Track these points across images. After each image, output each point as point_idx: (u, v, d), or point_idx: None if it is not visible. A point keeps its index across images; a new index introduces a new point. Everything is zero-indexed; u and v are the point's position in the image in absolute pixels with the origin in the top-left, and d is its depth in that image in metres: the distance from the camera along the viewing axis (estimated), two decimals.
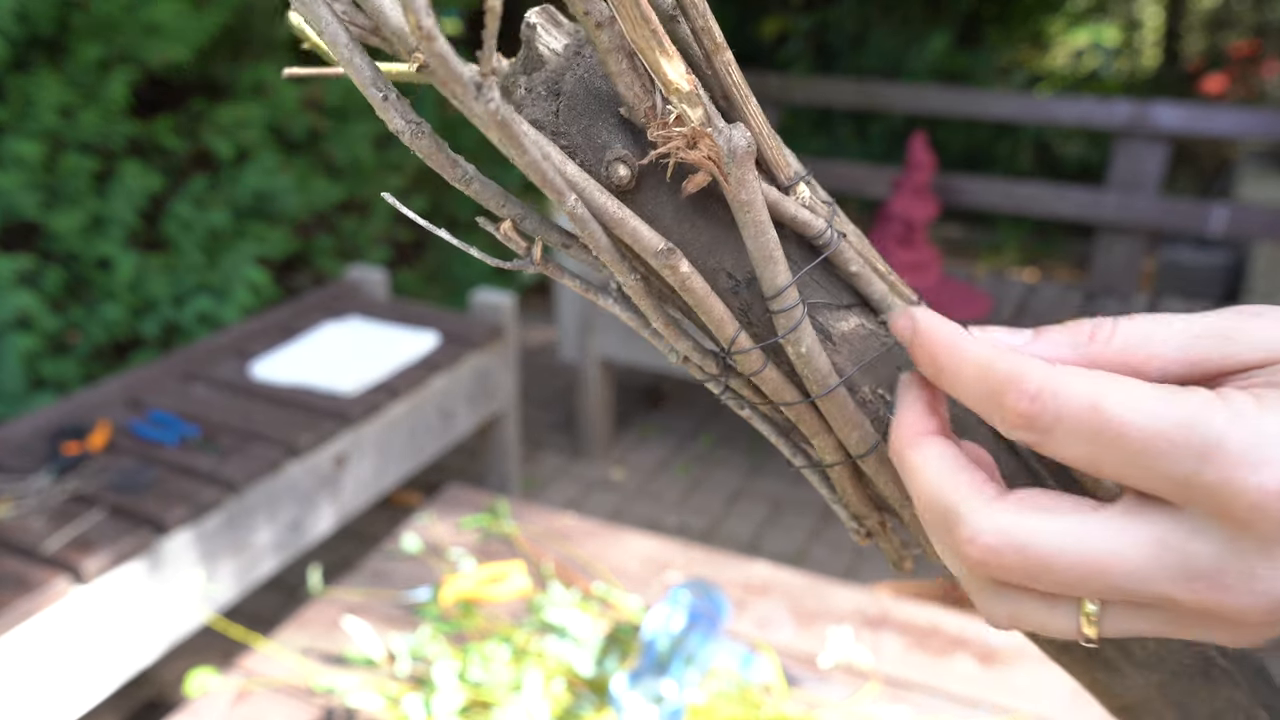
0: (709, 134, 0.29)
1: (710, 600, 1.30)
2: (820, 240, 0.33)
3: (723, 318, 0.32)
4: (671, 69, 0.28)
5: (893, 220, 2.60)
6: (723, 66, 0.30)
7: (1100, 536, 0.27)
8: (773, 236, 0.31)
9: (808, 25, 5.10)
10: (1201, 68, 5.91)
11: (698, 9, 0.29)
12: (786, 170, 0.32)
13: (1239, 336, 0.28)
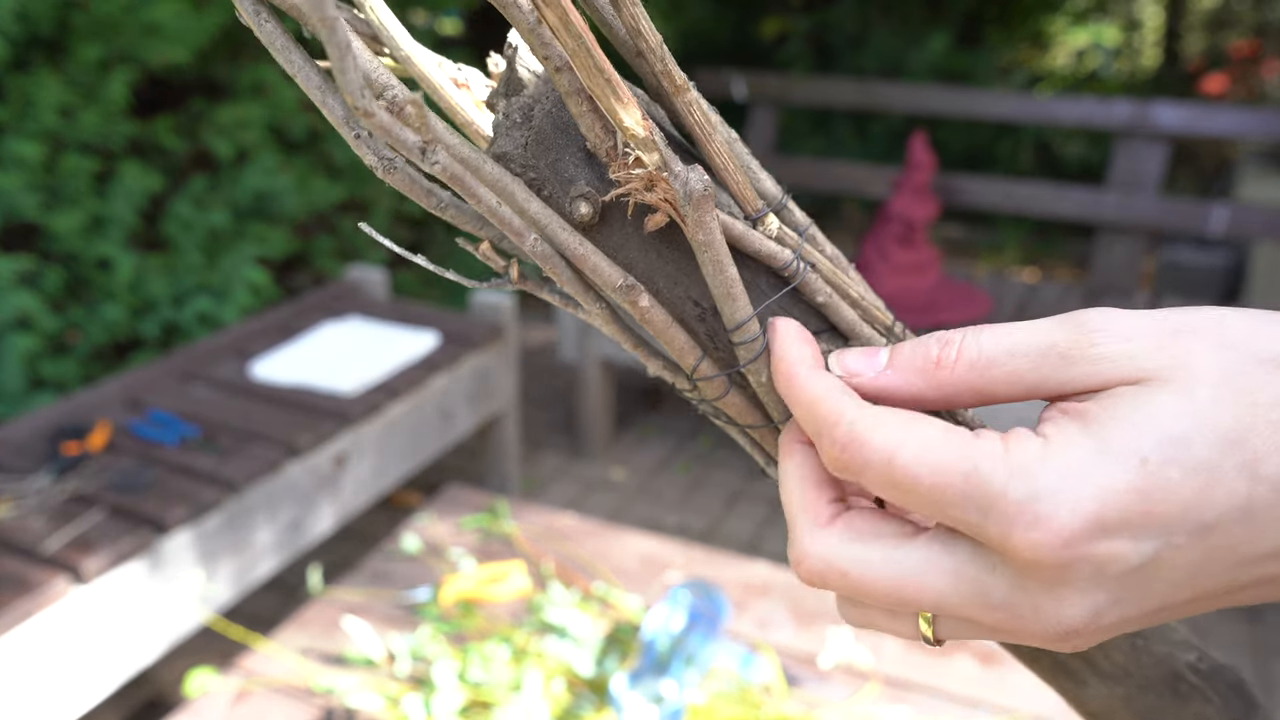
0: (664, 178, 0.29)
1: (710, 600, 1.30)
2: (786, 272, 0.33)
3: (684, 347, 0.33)
4: (627, 115, 0.28)
5: (893, 220, 2.60)
6: (684, 107, 0.30)
7: (910, 565, 0.29)
8: (731, 274, 0.31)
9: (808, 25, 5.10)
10: (1202, 68, 5.90)
11: (656, 54, 0.29)
12: (754, 203, 0.33)
13: (1077, 359, 0.28)
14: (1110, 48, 6.59)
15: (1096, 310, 0.29)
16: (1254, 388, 0.26)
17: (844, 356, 0.32)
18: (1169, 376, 0.27)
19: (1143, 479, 0.26)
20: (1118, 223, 2.81)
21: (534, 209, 0.31)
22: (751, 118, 3.29)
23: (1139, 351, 0.27)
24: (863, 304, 0.35)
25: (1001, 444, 0.27)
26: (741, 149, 0.33)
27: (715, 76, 3.31)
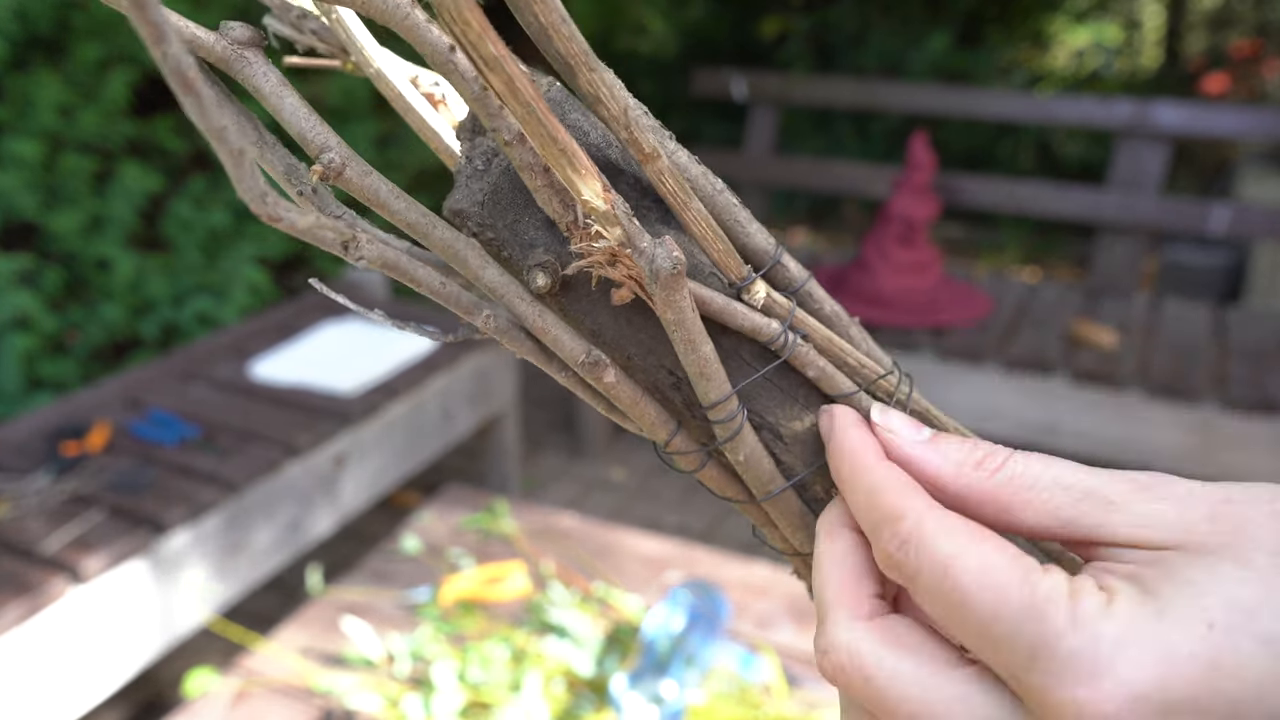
0: (628, 255, 0.27)
1: (710, 600, 1.30)
2: (773, 346, 0.31)
3: (654, 422, 0.32)
4: (585, 187, 0.26)
5: (893, 220, 2.60)
6: (655, 176, 0.27)
7: (941, 695, 0.26)
8: (705, 353, 0.29)
9: (808, 25, 5.09)
10: (1202, 67, 5.90)
11: (620, 122, 0.26)
12: (739, 270, 0.30)
13: (1123, 507, 0.26)
14: (1111, 47, 6.58)
15: (1153, 473, 0.27)
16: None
17: (890, 414, 0.31)
18: (1224, 543, 0.25)
19: (1210, 647, 0.23)
20: (1118, 223, 2.81)
21: (489, 276, 0.29)
22: (751, 117, 3.28)
23: (1192, 516, 0.25)
24: (863, 371, 0.32)
25: (1067, 584, 0.25)
26: (728, 200, 0.31)
27: (715, 76, 3.30)
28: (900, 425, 0.31)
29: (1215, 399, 2.19)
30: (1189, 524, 0.25)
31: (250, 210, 0.23)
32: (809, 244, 4.76)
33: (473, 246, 0.29)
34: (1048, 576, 0.25)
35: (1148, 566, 0.25)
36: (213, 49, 0.26)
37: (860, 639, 0.28)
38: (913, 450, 0.30)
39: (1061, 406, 2.33)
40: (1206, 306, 2.70)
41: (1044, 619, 0.24)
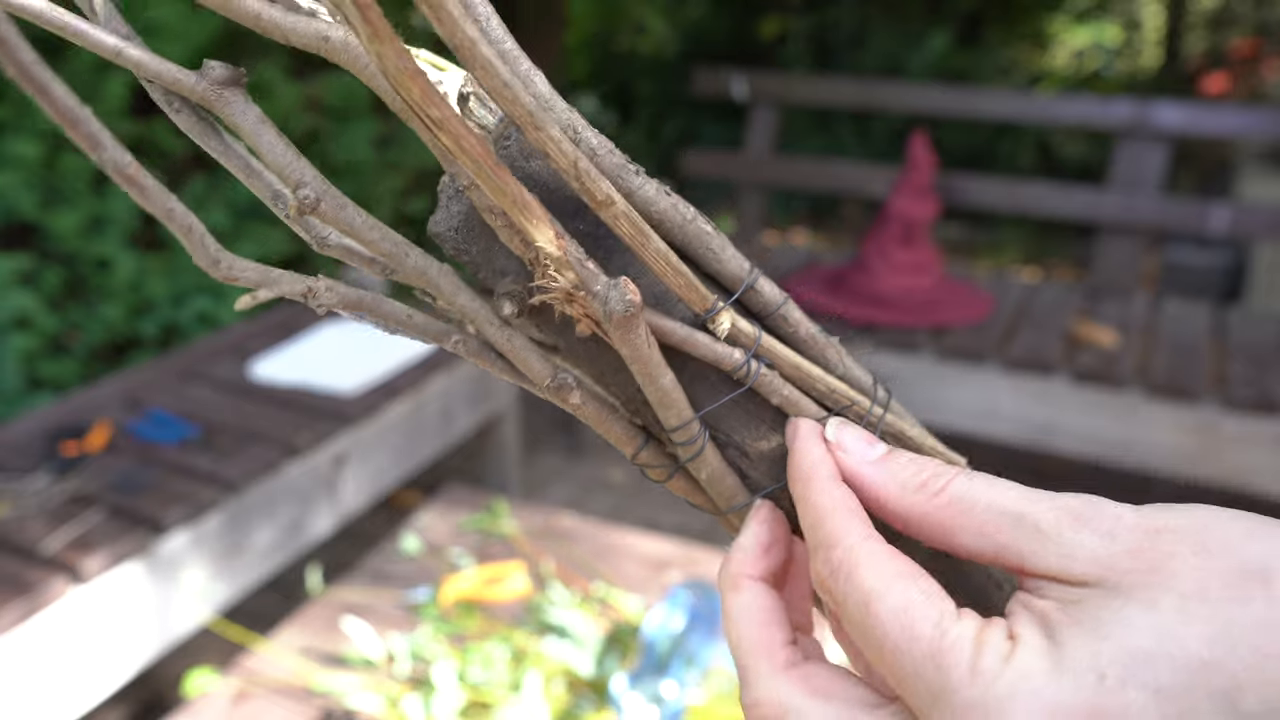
0: (582, 297, 0.28)
1: (710, 600, 1.30)
2: (736, 375, 0.32)
3: (621, 438, 0.33)
4: (539, 234, 0.27)
5: (893, 220, 2.60)
6: (610, 221, 0.28)
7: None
8: (664, 384, 0.30)
9: (808, 25, 5.10)
10: (1202, 67, 5.90)
11: (570, 174, 0.27)
12: (703, 303, 0.31)
13: (1051, 536, 0.27)
14: (1111, 47, 6.58)
15: (1087, 498, 0.27)
16: (1234, 602, 0.24)
17: (845, 430, 0.32)
18: (1138, 582, 0.25)
19: (1100, 697, 0.23)
20: (1118, 223, 2.81)
21: (462, 301, 0.30)
22: (752, 117, 3.28)
23: (1115, 552, 0.25)
24: (833, 396, 0.33)
25: (976, 633, 0.26)
26: (699, 228, 0.31)
27: (715, 76, 3.30)
28: (852, 442, 0.31)
29: (1215, 399, 2.19)
30: (1110, 559, 0.25)
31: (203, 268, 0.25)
32: (809, 244, 4.76)
33: (445, 273, 0.30)
34: (959, 623, 0.26)
35: (1062, 607, 0.26)
36: (194, 89, 0.27)
37: (784, 691, 0.29)
38: (860, 469, 0.31)
39: (1061, 406, 2.33)
40: (1206, 306, 2.70)
41: (945, 668, 0.25)
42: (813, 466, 0.31)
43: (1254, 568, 0.24)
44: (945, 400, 2.44)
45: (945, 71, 4.81)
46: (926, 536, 0.29)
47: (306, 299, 0.28)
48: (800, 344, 0.33)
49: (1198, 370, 2.30)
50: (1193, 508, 0.26)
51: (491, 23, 0.28)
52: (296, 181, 0.28)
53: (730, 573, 0.32)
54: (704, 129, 4.98)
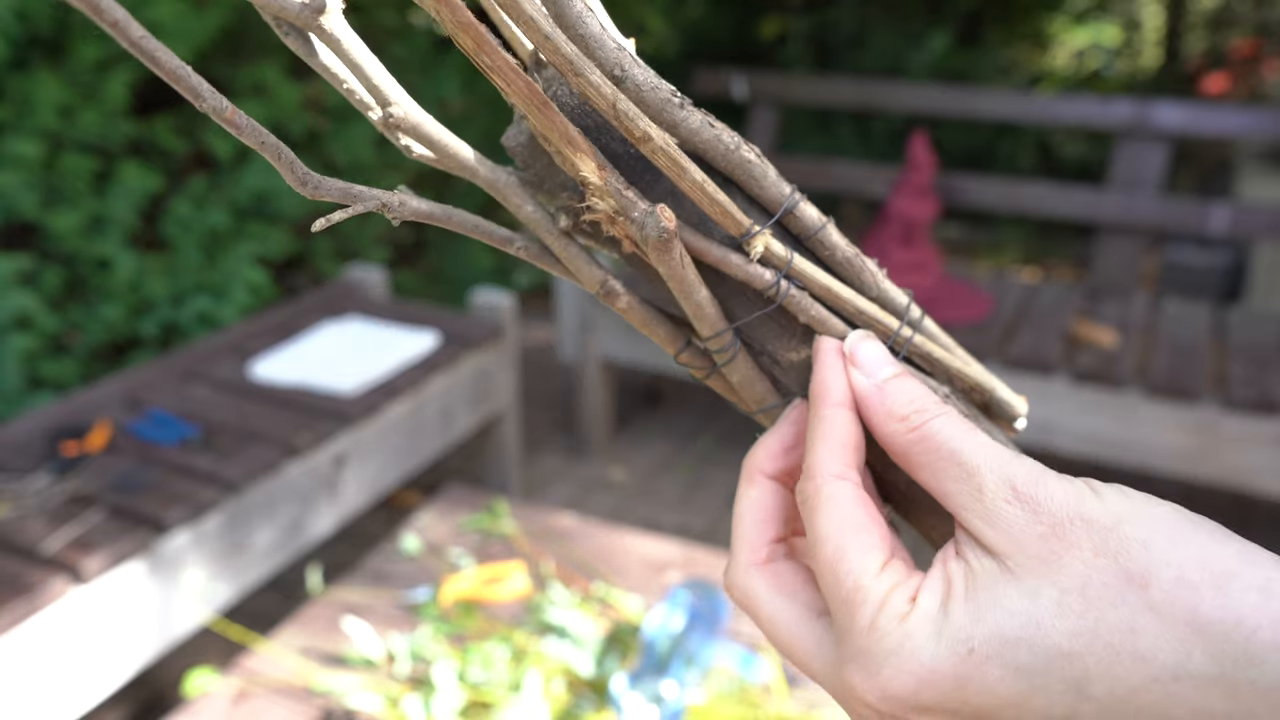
0: (622, 221, 0.31)
1: (710, 600, 1.30)
2: (768, 294, 0.34)
3: (665, 338, 0.36)
4: (582, 165, 0.30)
5: (893, 220, 2.60)
6: (649, 155, 0.31)
7: (807, 637, 0.32)
8: (699, 298, 0.33)
9: (808, 25, 5.10)
10: (1202, 67, 5.90)
11: (611, 114, 0.30)
12: (739, 226, 0.33)
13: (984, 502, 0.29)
14: (1110, 47, 6.58)
15: (1038, 473, 0.29)
16: (1107, 604, 0.26)
17: (861, 345, 0.34)
18: (1033, 568, 0.28)
19: (964, 667, 0.27)
20: (1118, 223, 2.81)
21: (526, 211, 0.33)
22: (752, 117, 3.28)
23: (1029, 533, 0.28)
24: (861, 317, 0.35)
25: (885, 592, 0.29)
26: (743, 156, 0.33)
27: (715, 76, 3.30)
28: (865, 358, 0.34)
29: (1215, 399, 2.19)
30: (1021, 539, 0.28)
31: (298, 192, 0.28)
32: None
33: (512, 185, 0.33)
34: (876, 580, 0.30)
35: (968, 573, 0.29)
36: (298, 16, 0.30)
37: (752, 581, 0.34)
38: (862, 389, 0.33)
39: (1061, 406, 2.33)
40: (1206, 306, 2.70)
41: (854, 615, 0.30)
42: (822, 388, 0.34)
43: (1137, 572, 0.26)
44: None
45: (945, 71, 4.81)
46: (901, 465, 0.32)
47: (385, 211, 0.31)
48: (838, 266, 0.35)
49: (1198, 370, 2.30)
50: (1125, 500, 0.28)
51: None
52: (385, 99, 0.30)
53: (749, 465, 0.35)
54: None
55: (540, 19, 0.28)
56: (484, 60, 0.28)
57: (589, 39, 0.30)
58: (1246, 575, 0.25)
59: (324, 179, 0.30)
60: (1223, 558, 0.26)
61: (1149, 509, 0.28)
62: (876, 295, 0.36)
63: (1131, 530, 0.27)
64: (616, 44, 0.31)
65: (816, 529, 0.31)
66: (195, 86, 0.26)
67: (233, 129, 0.27)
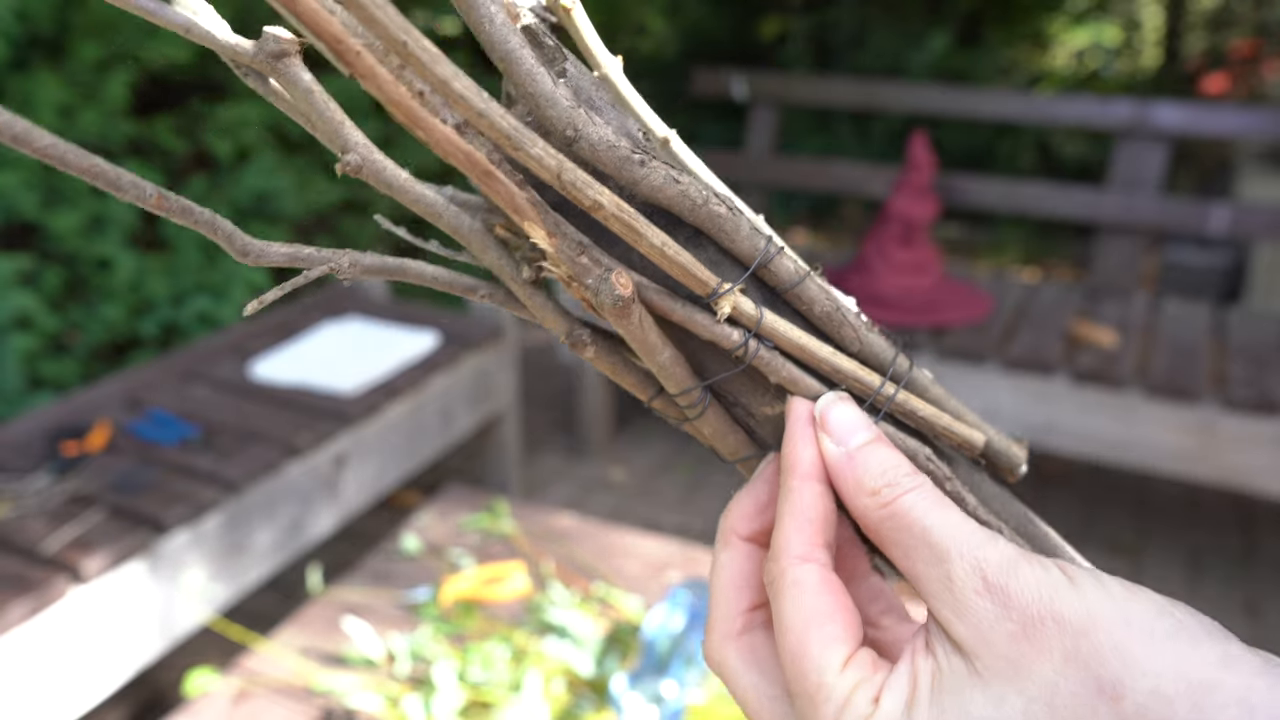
0: (575, 286, 0.31)
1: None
2: (735, 354, 0.33)
3: (635, 386, 0.35)
4: (532, 232, 0.30)
5: (893, 220, 2.60)
6: (603, 220, 0.30)
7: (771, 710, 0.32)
8: (663, 360, 0.33)
9: (807, 25, 5.10)
10: (1202, 67, 5.91)
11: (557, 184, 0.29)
12: (705, 286, 0.32)
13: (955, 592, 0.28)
14: (1110, 47, 6.58)
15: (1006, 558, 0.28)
16: (1076, 714, 0.25)
17: (832, 410, 0.33)
18: (1001, 670, 0.27)
19: None
20: (1118, 223, 2.81)
21: (490, 257, 0.32)
22: (751, 117, 3.28)
23: (999, 632, 0.27)
24: (840, 374, 0.34)
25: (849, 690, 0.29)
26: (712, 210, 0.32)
27: (715, 76, 3.30)
28: (836, 424, 0.32)
29: (1215, 399, 2.19)
30: (990, 637, 0.27)
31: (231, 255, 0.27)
32: (809, 244, 4.76)
33: (476, 231, 0.32)
34: (842, 676, 0.29)
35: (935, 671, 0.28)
36: (253, 60, 0.29)
37: (726, 655, 0.33)
38: (832, 458, 0.32)
39: (1061, 406, 2.33)
40: (1206, 306, 2.70)
41: (816, 711, 0.29)
42: (791, 459, 0.32)
43: (1109, 682, 0.25)
44: None
45: (945, 71, 4.81)
46: (873, 540, 0.31)
47: (335, 273, 0.30)
48: (816, 321, 0.34)
49: (1197, 370, 2.30)
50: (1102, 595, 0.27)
51: (496, 21, 0.29)
52: (342, 146, 0.30)
53: (724, 526, 0.35)
54: (704, 129, 4.98)
55: (471, 95, 0.27)
56: (418, 134, 0.27)
57: (539, 98, 0.29)
58: (1227, 685, 0.24)
59: (267, 246, 0.29)
60: (1203, 665, 0.25)
61: (1127, 606, 0.26)
62: (858, 351, 0.35)
63: (1105, 637, 0.26)
64: (569, 103, 0.29)
65: (781, 616, 0.30)
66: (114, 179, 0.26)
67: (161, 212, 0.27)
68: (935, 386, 0.36)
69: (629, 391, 0.36)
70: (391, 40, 0.25)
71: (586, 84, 0.32)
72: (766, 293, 0.34)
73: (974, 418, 0.36)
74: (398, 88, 0.26)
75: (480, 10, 0.28)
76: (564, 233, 0.30)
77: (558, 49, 0.31)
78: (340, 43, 0.25)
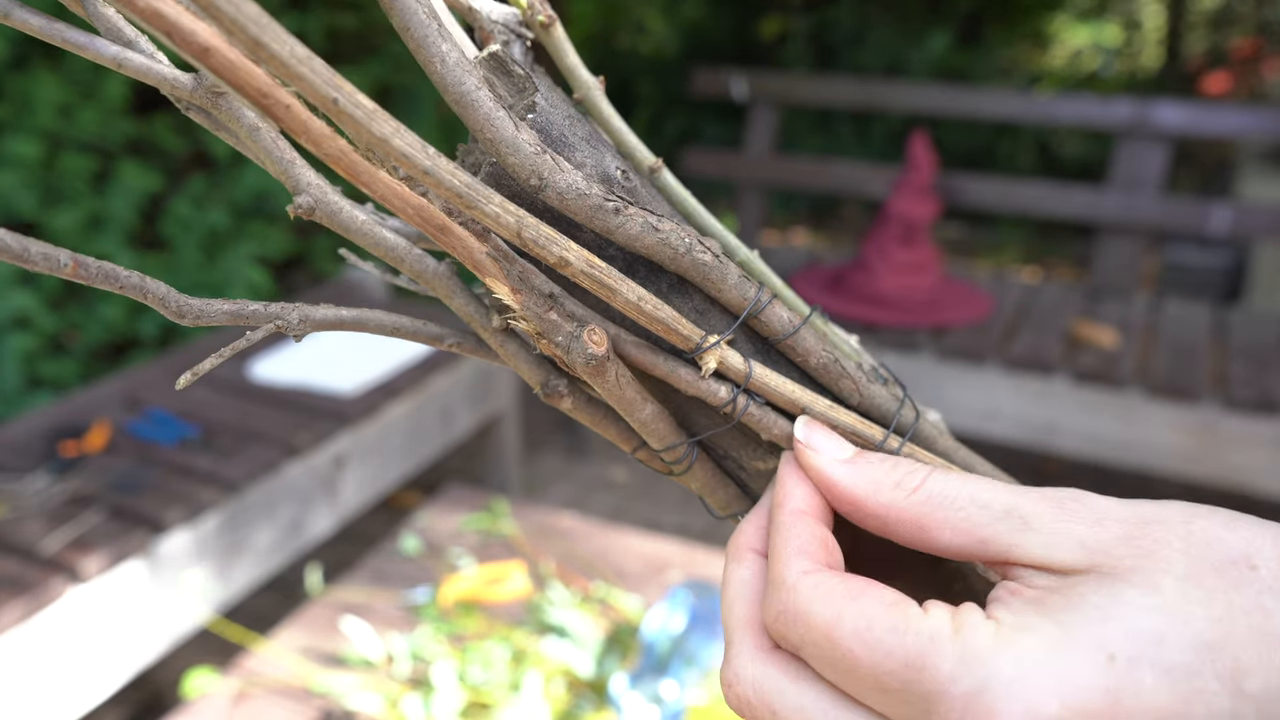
0: (544, 343, 0.29)
1: (710, 600, 1.30)
2: (723, 410, 0.31)
3: (618, 437, 0.33)
4: (495, 288, 0.28)
5: (893, 220, 2.60)
6: (573, 278, 0.28)
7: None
8: (643, 416, 0.31)
9: (808, 24, 5.09)
10: (1203, 67, 5.90)
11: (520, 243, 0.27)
12: (686, 344, 0.30)
13: (1037, 526, 0.26)
14: (1111, 47, 6.58)
15: (1072, 491, 0.27)
16: (1227, 586, 0.24)
17: (815, 430, 0.31)
18: (1133, 566, 0.24)
19: (1111, 678, 0.23)
20: (1118, 223, 2.80)
21: (459, 302, 0.30)
22: (751, 117, 3.28)
23: (1105, 538, 0.25)
24: (841, 427, 0.32)
25: (951, 623, 0.25)
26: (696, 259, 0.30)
27: (715, 76, 3.30)
28: (821, 442, 0.31)
29: (1216, 399, 2.19)
30: (1100, 545, 0.25)
31: None
32: (809, 244, 4.76)
33: (441, 274, 0.30)
34: (928, 618, 0.25)
35: (1054, 592, 0.25)
36: (192, 94, 0.27)
37: (765, 673, 0.27)
38: (829, 469, 0.30)
39: (1062, 406, 2.33)
40: (1207, 306, 2.70)
41: (933, 668, 0.24)
42: (781, 496, 0.30)
43: (1238, 555, 0.24)
44: (946, 400, 2.44)
45: (945, 71, 4.81)
46: (901, 535, 0.28)
47: (284, 330, 0.28)
48: (812, 373, 0.32)
49: (1198, 370, 2.30)
50: (1170, 503, 0.26)
51: (449, 61, 0.26)
52: (292, 188, 0.27)
53: (736, 543, 0.32)
54: (704, 129, 4.98)
55: (415, 153, 0.24)
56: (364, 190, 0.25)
57: (499, 144, 0.27)
58: None
59: (207, 305, 0.27)
60: None
61: (1191, 505, 0.26)
62: (858, 403, 0.33)
63: (1203, 521, 0.25)
64: (535, 148, 0.27)
65: (817, 622, 0.26)
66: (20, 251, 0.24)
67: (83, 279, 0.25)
68: (944, 438, 0.34)
69: (614, 441, 0.34)
70: (320, 99, 0.22)
71: (559, 118, 0.30)
72: (758, 342, 0.32)
73: (988, 467, 0.35)
74: (335, 141, 0.24)
75: (430, 49, 0.26)
76: (532, 285, 0.28)
77: (527, 77, 0.29)
78: (267, 96, 0.22)
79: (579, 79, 0.33)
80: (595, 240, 0.30)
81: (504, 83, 0.29)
